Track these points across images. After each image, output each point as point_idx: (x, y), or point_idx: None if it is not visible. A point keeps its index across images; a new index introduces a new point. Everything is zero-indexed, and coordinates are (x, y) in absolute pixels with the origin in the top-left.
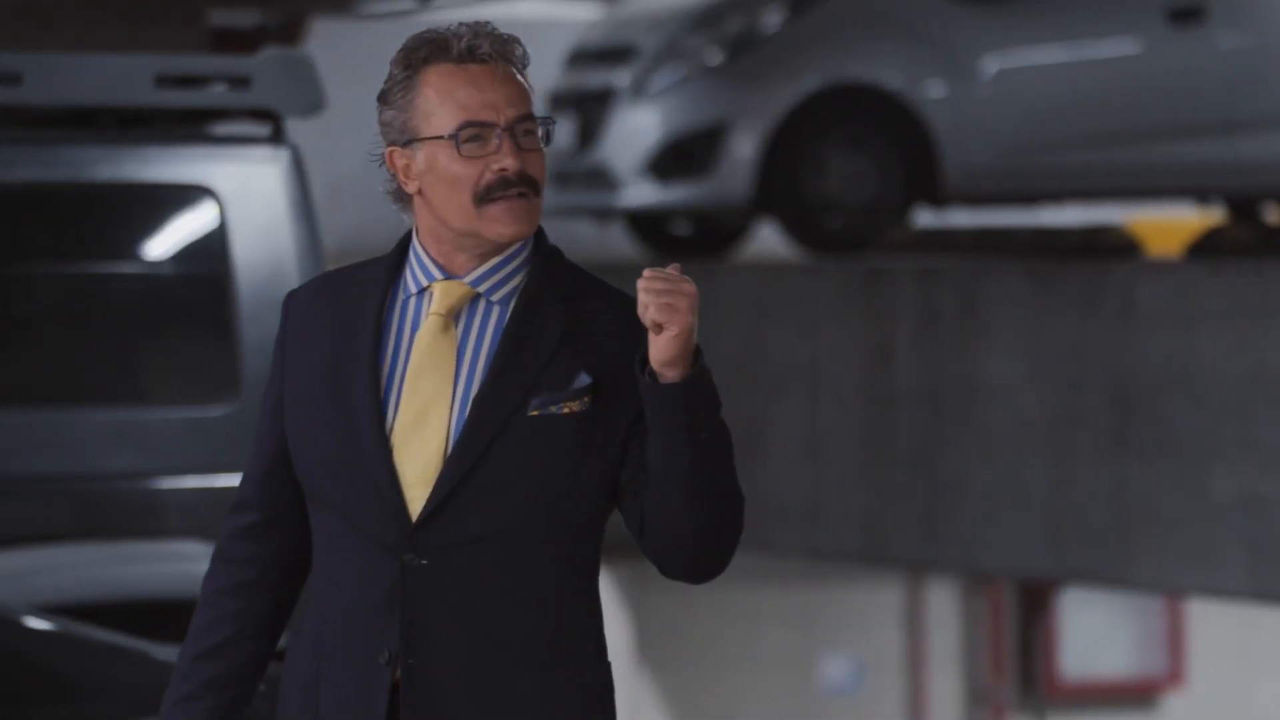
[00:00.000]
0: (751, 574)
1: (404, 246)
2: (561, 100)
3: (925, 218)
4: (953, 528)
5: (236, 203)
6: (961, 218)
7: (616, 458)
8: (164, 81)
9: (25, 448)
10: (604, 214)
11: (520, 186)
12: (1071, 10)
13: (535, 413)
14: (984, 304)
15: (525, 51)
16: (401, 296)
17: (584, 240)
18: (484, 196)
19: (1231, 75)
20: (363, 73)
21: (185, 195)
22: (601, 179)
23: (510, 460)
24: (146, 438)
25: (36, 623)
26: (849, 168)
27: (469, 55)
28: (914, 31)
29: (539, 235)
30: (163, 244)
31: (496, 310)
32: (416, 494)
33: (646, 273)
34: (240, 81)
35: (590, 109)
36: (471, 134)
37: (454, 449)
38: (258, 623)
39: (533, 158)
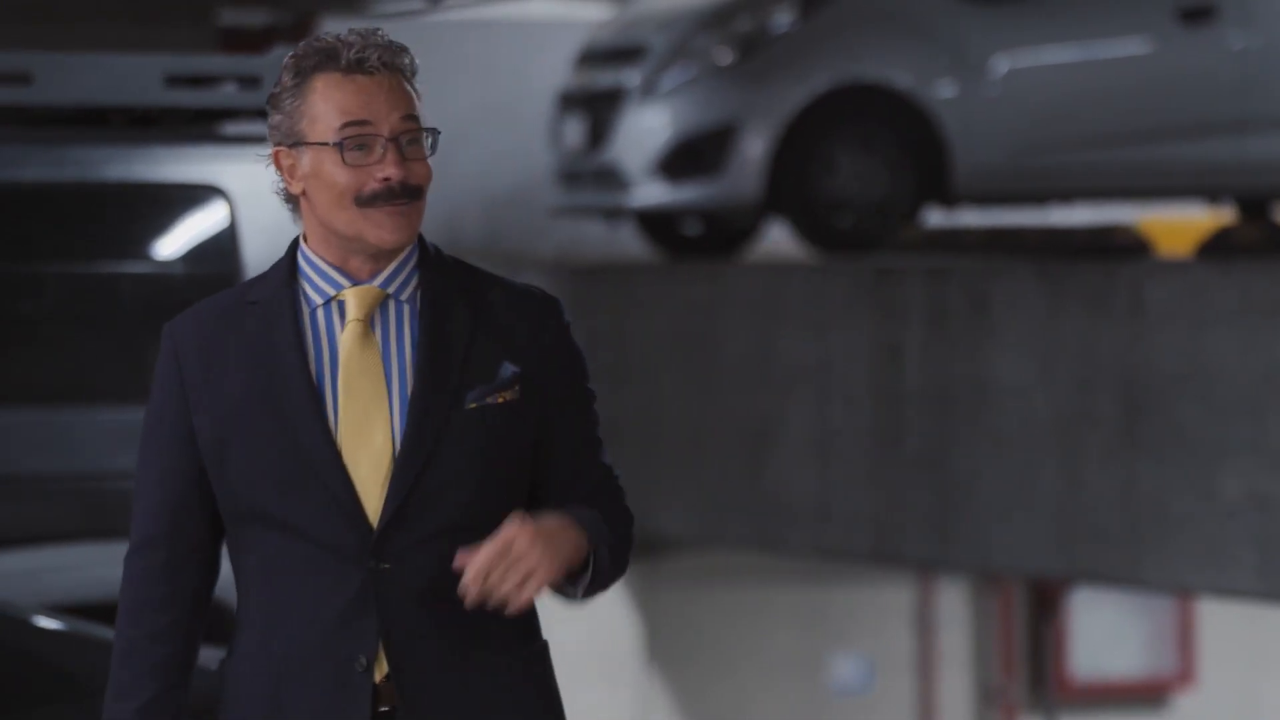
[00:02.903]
0: (761, 573)
1: (291, 259)
2: (571, 100)
3: (935, 217)
4: (962, 527)
5: (246, 202)
6: (971, 217)
7: (535, 443)
8: (174, 81)
9: (35, 447)
10: (614, 214)
11: (403, 196)
12: (1082, 10)
13: (473, 405)
14: (994, 304)
15: (414, 61)
16: (308, 309)
17: (594, 240)
18: (365, 203)
19: (1242, 75)
20: None
21: (195, 195)
22: (611, 179)
23: (457, 455)
24: None
25: (45, 622)
26: (859, 167)
27: (356, 66)
28: (924, 31)
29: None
30: (173, 244)
31: (407, 308)
32: (371, 499)
33: (469, 577)
34: (250, 81)
35: (600, 109)
36: (356, 142)
37: (402, 451)
38: (185, 664)
39: (416, 167)
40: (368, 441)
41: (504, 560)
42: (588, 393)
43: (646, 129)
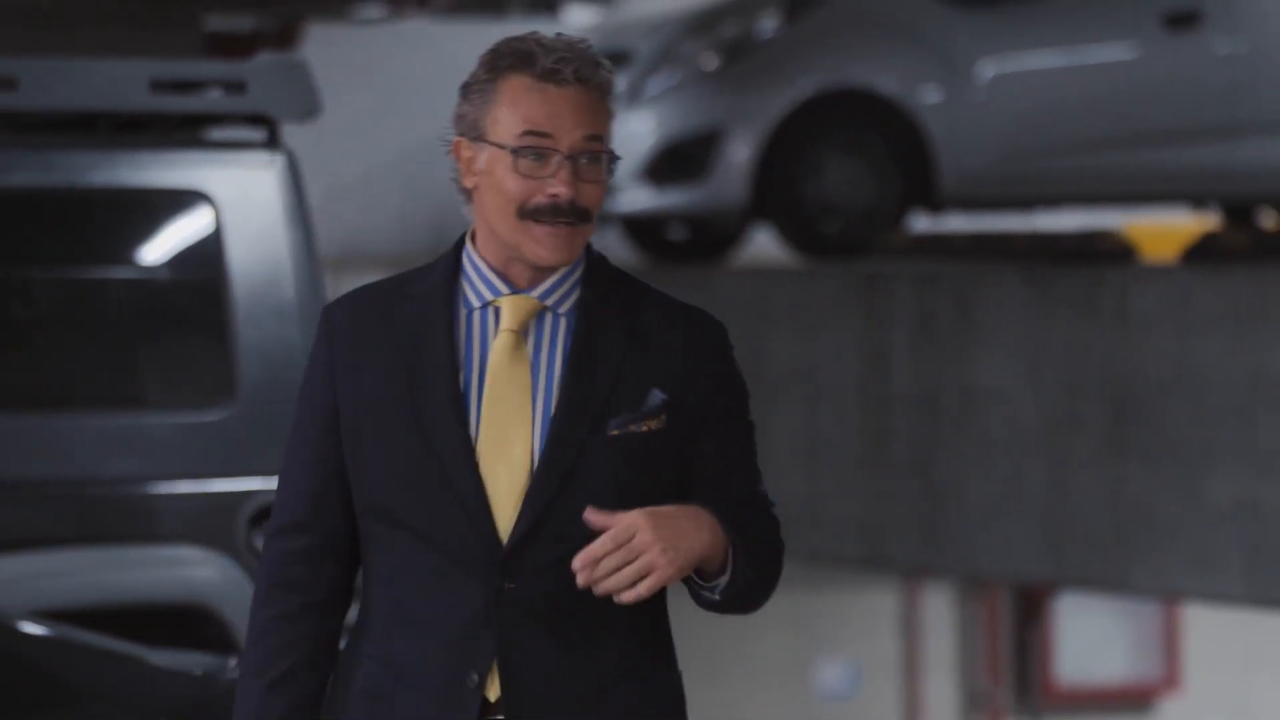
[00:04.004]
0: None
1: (456, 255)
2: None
3: (921, 222)
4: (950, 532)
5: (232, 208)
6: (958, 222)
7: (682, 470)
8: (159, 86)
9: (22, 452)
10: (600, 219)
11: (569, 216)
12: (1067, 15)
13: (615, 432)
14: (981, 309)
15: (612, 76)
16: (464, 310)
17: None
18: (529, 215)
19: (1227, 80)
20: (359, 77)
21: (181, 200)
22: None
23: (594, 480)
24: (143, 442)
25: (33, 628)
26: (845, 172)
27: (549, 75)
28: (910, 36)
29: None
30: (158, 249)
31: (563, 322)
32: (504, 516)
33: (578, 560)
34: (236, 86)
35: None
36: (532, 152)
37: (539, 471)
38: (324, 648)
39: (589, 188)
40: (506, 455)
41: (620, 551)
42: (746, 422)
43: (632, 134)
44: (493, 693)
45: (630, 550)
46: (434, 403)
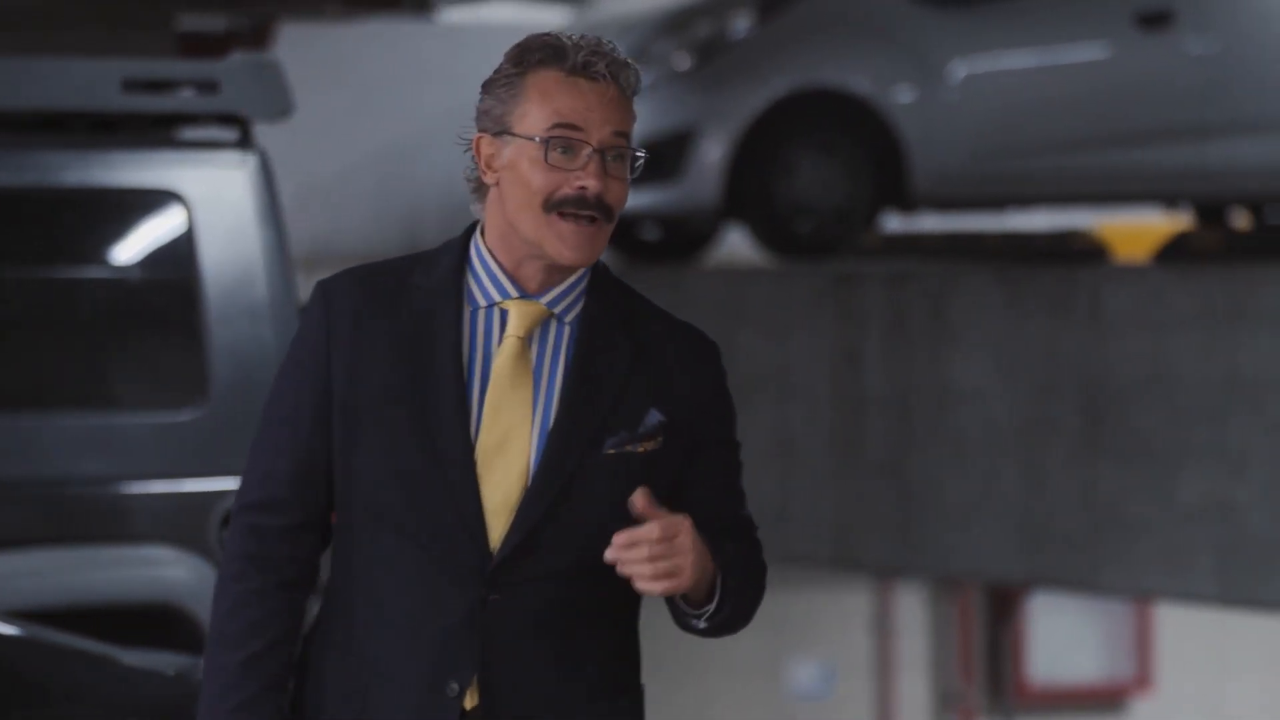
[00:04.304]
0: None
1: (464, 247)
2: None
3: (894, 222)
4: (923, 532)
5: (204, 207)
6: (930, 222)
7: (672, 491)
8: (132, 86)
9: None
10: None
11: (595, 210)
12: (1040, 15)
13: (612, 452)
14: (953, 309)
15: (639, 77)
16: (469, 308)
17: None
18: (555, 208)
19: (1199, 80)
20: (331, 77)
21: (153, 200)
22: None
23: (587, 498)
24: (115, 442)
25: (5, 628)
26: (818, 172)
27: (583, 69)
28: (882, 36)
29: None
30: (131, 249)
31: (567, 331)
32: (496, 525)
33: (622, 538)
34: (208, 86)
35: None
36: (562, 144)
37: (534, 485)
38: (295, 628)
39: (615, 185)
40: (503, 464)
41: (664, 544)
42: (734, 443)
43: None
44: (470, 701)
45: (671, 547)
46: (437, 403)
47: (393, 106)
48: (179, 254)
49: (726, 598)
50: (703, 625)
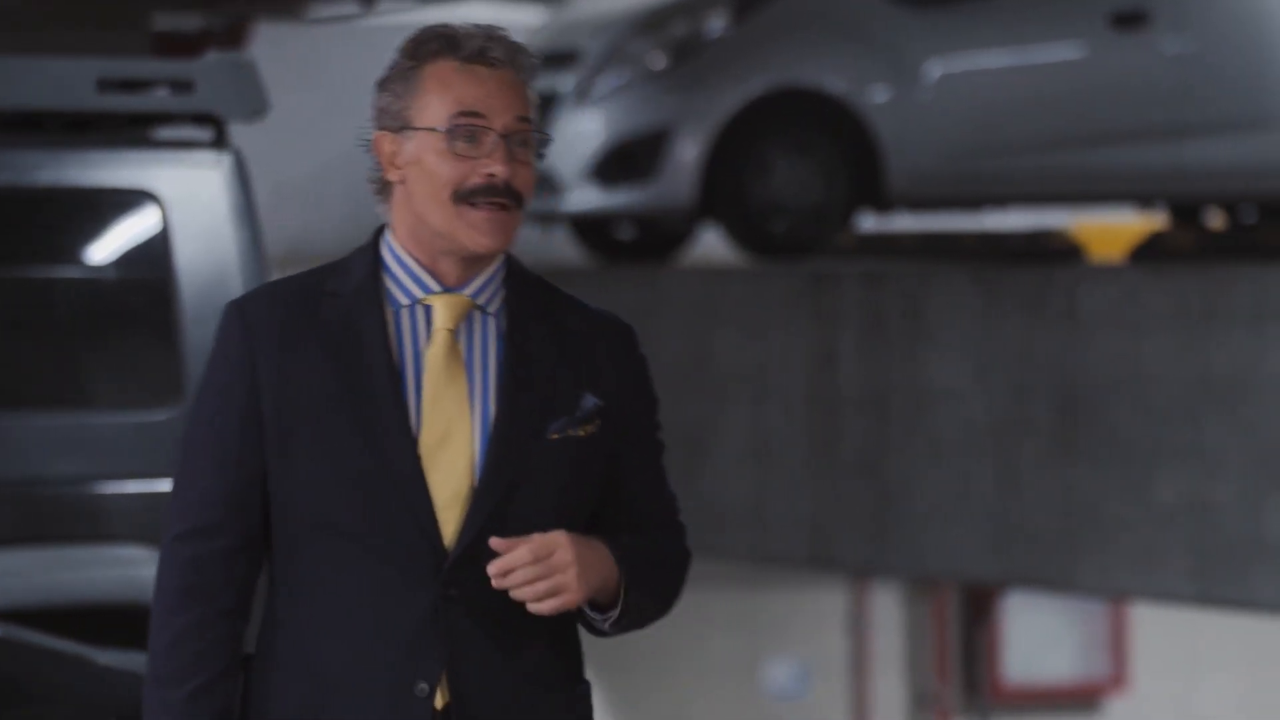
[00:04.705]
0: (696, 578)
1: (375, 251)
2: None
3: (869, 222)
4: (898, 532)
5: (179, 207)
6: (906, 222)
7: (600, 483)
8: (106, 85)
9: None
10: (547, 218)
11: (505, 196)
12: (1015, 15)
13: (556, 436)
14: (929, 308)
15: (535, 62)
16: (392, 309)
17: (527, 245)
18: (464, 198)
19: (1174, 80)
20: (306, 77)
21: (127, 200)
22: (545, 183)
23: (537, 485)
24: (90, 442)
25: None
26: (793, 172)
27: (479, 56)
28: (858, 36)
29: None
30: (105, 249)
31: (492, 323)
32: (449, 520)
33: (495, 566)
34: (183, 86)
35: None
36: (466, 133)
37: (484, 477)
38: (238, 655)
39: (522, 170)
40: (449, 461)
41: (539, 565)
42: (657, 426)
43: (580, 134)
44: (440, 700)
45: (548, 567)
46: (376, 405)
47: (368, 106)
48: (154, 254)
49: (629, 606)
50: (605, 629)
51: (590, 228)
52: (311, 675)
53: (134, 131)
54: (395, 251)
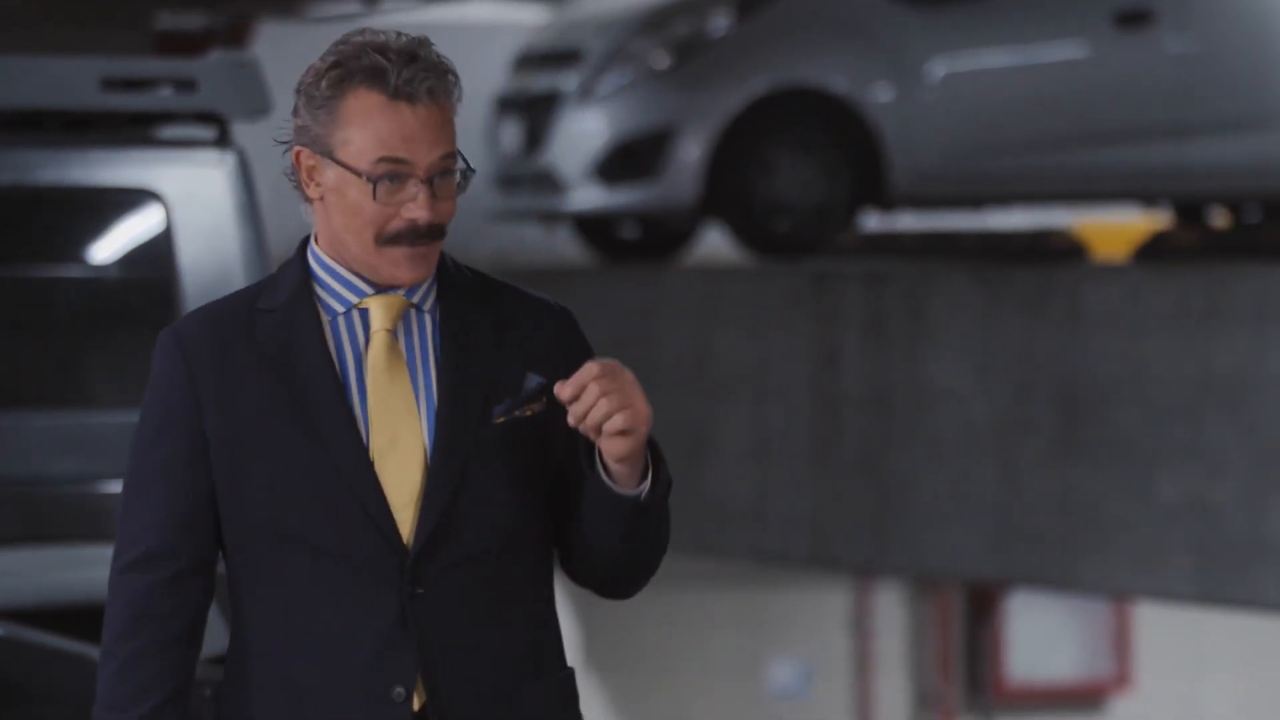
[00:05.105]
0: (699, 578)
1: (303, 263)
2: (508, 104)
3: (872, 221)
4: (900, 531)
5: (182, 206)
6: (908, 221)
7: (559, 461)
8: (109, 84)
9: None
10: (551, 217)
11: (427, 237)
12: (1018, 14)
13: (501, 419)
14: (931, 308)
15: (459, 85)
16: (327, 318)
17: (531, 244)
18: (388, 240)
19: (1178, 79)
20: None
21: (130, 199)
22: (548, 182)
23: (489, 472)
24: (92, 442)
25: None
26: (796, 171)
27: (405, 94)
28: (861, 35)
29: None
30: (108, 248)
31: (429, 319)
32: (406, 519)
33: (568, 390)
34: (186, 84)
35: (537, 112)
36: (389, 177)
37: (434, 469)
38: (187, 681)
39: (444, 206)
40: (400, 459)
41: (608, 379)
42: None
43: (584, 133)
44: (417, 702)
45: (616, 378)
46: (322, 411)
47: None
48: (157, 253)
49: (664, 470)
50: (643, 500)
51: (593, 227)
52: (285, 692)
53: (137, 130)
54: (323, 260)
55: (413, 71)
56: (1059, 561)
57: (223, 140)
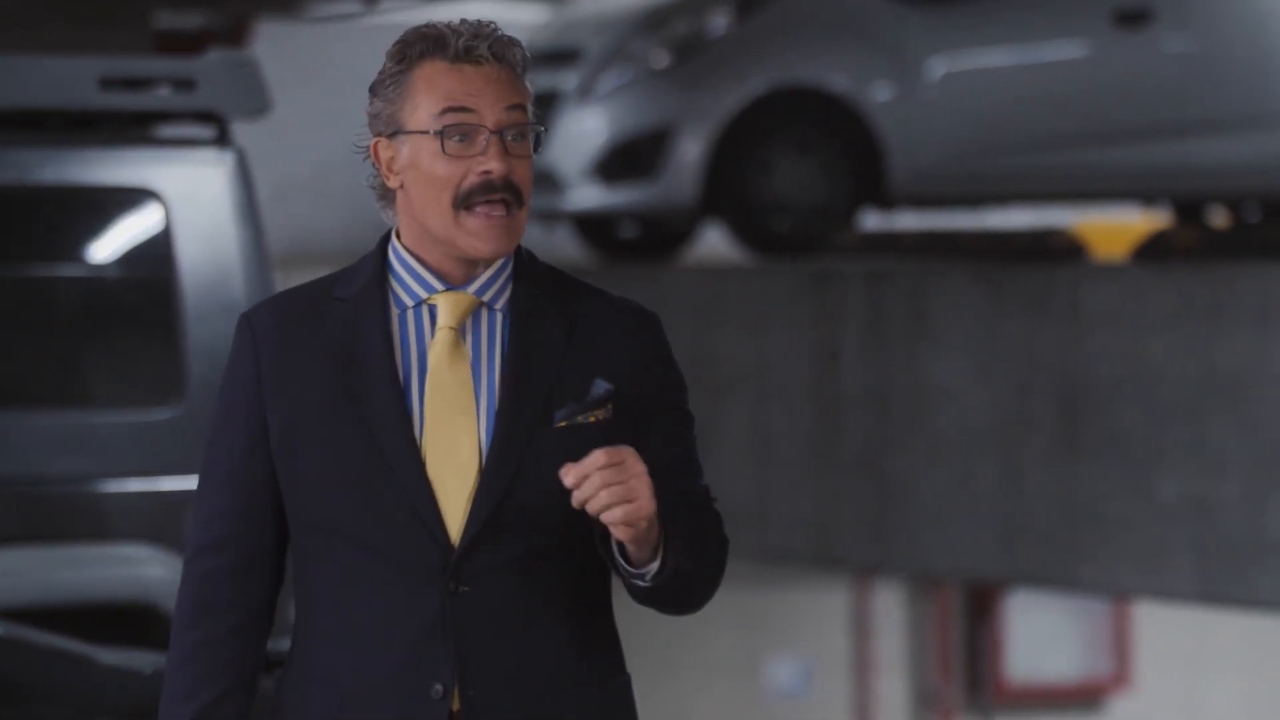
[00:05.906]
0: None
1: (382, 255)
2: None
3: (872, 220)
4: (901, 530)
5: (181, 205)
6: (909, 220)
7: None
8: (109, 84)
9: None
10: (550, 217)
11: (504, 193)
12: (1018, 13)
13: (563, 424)
14: (932, 307)
15: (526, 55)
16: (396, 311)
17: (530, 243)
18: (464, 201)
19: (1178, 78)
20: (308, 75)
21: (130, 198)
22: (548, 181)
23: (542, 477)
24: (92, 441)
25: None
26: (796, 170)
27: (465, 55)
28: (860, 34)
29: None
30: (108, 247)
31: (499, 318)
32: (454, 518)
33: (572, 473)
34: (185, 84)
35: (537, 112)
36: (457, 131)
37: (487, 469)
38: (249, 673)
39: (520, 164)
40: (453, 456)
41: (613, 469)
42: (686, 415)
43: (583, 132)
44: (456, 702)
45: (621, 471)
46: (376, 406)
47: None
48: (156, 252)
49: (671, 557)
50: (646, 584)
51: (593, 226)
52: (329, 683)
53: (136, 130)
54: (400, 254)
55: (471, 36)
56: (1060, 561)
57: (222, 139)
